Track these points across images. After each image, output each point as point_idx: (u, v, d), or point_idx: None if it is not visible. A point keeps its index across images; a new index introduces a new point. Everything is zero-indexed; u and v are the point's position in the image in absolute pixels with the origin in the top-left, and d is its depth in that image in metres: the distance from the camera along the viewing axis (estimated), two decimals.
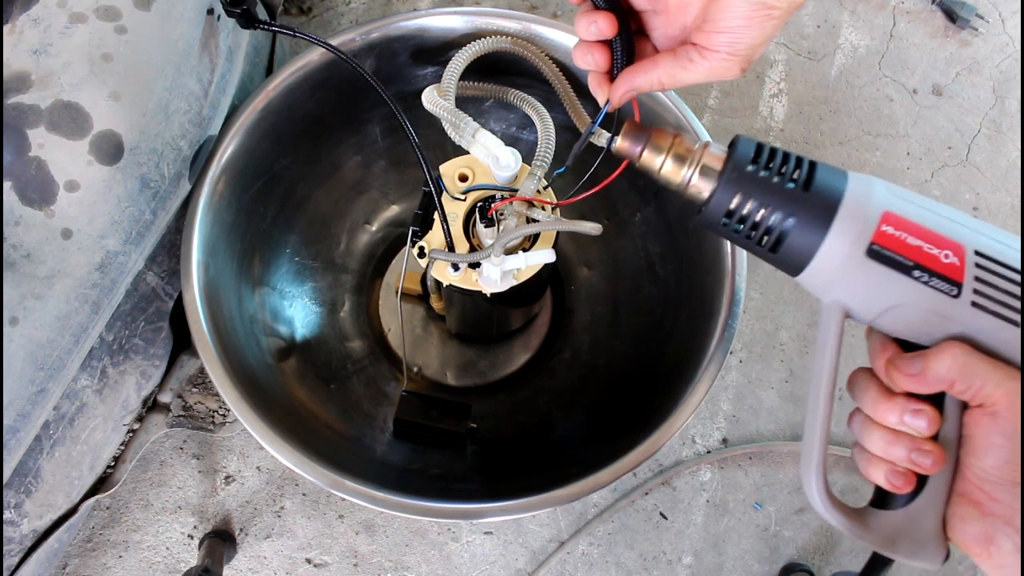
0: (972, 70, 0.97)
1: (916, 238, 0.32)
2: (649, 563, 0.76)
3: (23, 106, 0.47)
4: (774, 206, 0.33)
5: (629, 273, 0.76)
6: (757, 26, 0.35)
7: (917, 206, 0.33)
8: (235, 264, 0.63)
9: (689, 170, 0.36)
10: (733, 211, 0.34)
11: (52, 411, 0.54)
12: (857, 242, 0.32)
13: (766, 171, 0.34)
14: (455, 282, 0.54)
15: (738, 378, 0.83)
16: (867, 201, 0.32)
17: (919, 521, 0.33)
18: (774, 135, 0.93)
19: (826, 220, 0.32)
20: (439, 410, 0.65)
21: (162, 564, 0.73)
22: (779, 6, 0.34)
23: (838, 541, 0.78)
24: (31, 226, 0.47)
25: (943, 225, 0.32)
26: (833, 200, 0.32)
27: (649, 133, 0.38)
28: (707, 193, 0.35)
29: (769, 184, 0.33)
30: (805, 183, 0.33)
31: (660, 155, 0.37)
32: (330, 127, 0.68)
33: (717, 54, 0.36)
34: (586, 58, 0.41)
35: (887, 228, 0.32)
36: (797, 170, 0.33)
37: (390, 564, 0.75)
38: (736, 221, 0.34)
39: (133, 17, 0.50)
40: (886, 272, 0.32)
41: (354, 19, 0.95)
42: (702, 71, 0.37)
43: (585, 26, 0.39)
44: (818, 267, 0.33)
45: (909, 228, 0.32)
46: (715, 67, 0.37)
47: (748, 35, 0.35)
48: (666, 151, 0.37)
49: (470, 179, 0.56)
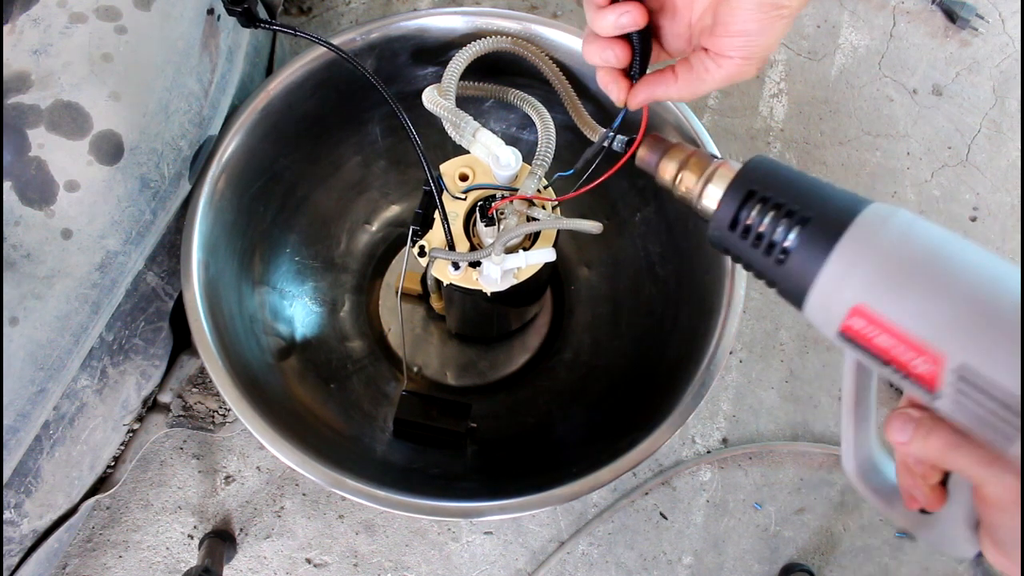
0: (972, 70, 0.97)
1: (888, 337, 0.28)
2: (649, 563, 0.76)
3: (23, 106, 0.47)
4: (756, 264, 0.33)
5: (629, 273, 0.76)
6: (769, 26, 0.35)
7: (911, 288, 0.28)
8: (235, 264, 0.63)
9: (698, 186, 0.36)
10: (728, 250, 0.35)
11: (52, 411, 0.54)
12: (828, 323, 0.30)
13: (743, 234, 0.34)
14: (456, 281, 0.54)
15: (738, 378, 0.83)
16: (838, 292, 0.30)
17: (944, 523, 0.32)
18: (774, 135, 0.93)
19: (802, 293, 0.31)
20: (439, 410, 0.65)
21: (162, 564, 0.73)
22: (789, 4, 0.34)
23: (838, 541, 0.78)
24: (31, 226, 0.47)
25: (930, 325, 0.27)
26: (806, 279, 0.31)
27: (667, 146, 0.38)
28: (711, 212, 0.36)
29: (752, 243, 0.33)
30: (780, 259, 0.32)
31: (672, 169, 0.38)
32: (330, 127, 0.68)
33: (732, 60, 0.36)
34: (604, 54, 0.39)
35: (856, 323, 0.29)
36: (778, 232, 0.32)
37: (390, 564, 0.75)
38: (735, 255, 0.35)
39: (133, 17, 0.50)
40: (859, 354, 0.30)
41: (354, 19, 0.95)
42: (720, 78, 0.37)
43: (615, 18, 0.37)
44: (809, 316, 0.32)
45: (882, 326, 0.28)
46: (732, 72, 0.37)
47: (762, 37, 0.35)
48: (678, 165, 0.38)
49: (470, 178, 0.56)
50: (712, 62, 0.37)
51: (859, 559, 0.77)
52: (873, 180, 0.91)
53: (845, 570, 0.77)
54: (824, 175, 0.91)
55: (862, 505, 0.78)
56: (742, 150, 0.92)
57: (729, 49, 0.36)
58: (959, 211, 0.91)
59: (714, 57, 0.37)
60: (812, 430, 0.81)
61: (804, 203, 0.31)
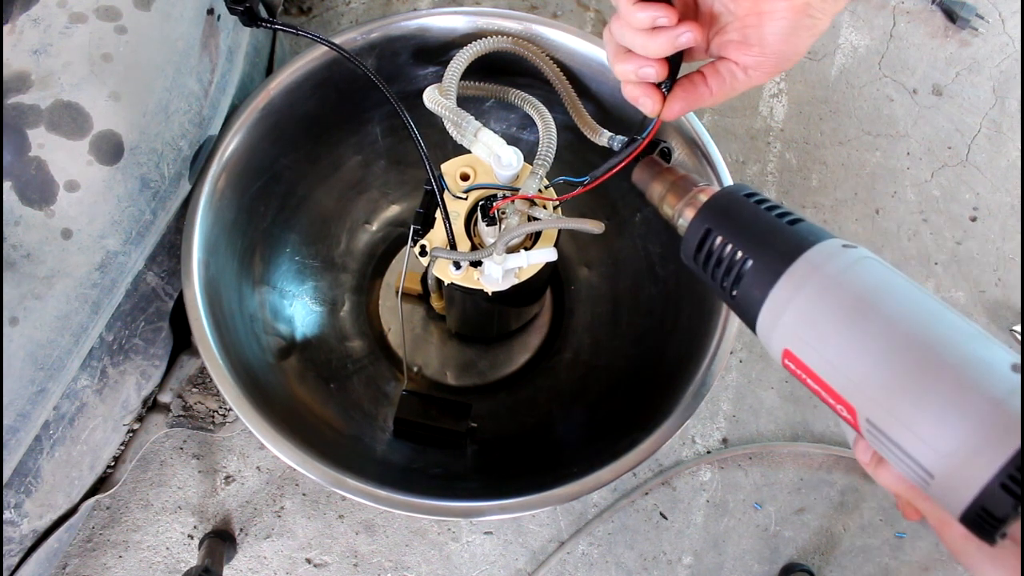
0: (972, 70, 0.97)
1: (813, 382, 0.30)
2: (649, 563, 0.76)
3: (23, 106, 0.47)
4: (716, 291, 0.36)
5: (629, 273, 0.76)
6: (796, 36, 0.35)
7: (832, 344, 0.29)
8: (235, 263, 0.63)
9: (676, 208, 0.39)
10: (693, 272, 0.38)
11: (52, 411, 0.54)
12: (774, 354, 0.33)
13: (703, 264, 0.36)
14: (457, 281, 0.54)
15: (738, 378, 0.83)
16: (773, 332, 0.32)
17: None
18: (774, 135, 0.93)
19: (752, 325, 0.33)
20: (439, 409, 0.65)
21: (162, 564, 0.73)
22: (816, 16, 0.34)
23: (838, 541, 0.78)
24: (31, 226, 0.47)
25: (841, 380, 0.29)
26: (750, 314, 0.33)
27: (658, 171, 0.40)
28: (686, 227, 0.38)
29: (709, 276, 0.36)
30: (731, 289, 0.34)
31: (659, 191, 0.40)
32: (330, 126, 0.68)
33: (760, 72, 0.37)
34: (644, 70, 0.39)
35: (788, 362, 0.31)
36: (727, 275, 0.34)
37: (390, 564, 0.75)
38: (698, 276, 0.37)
39: (133, 17, 0.50)
40: None
41: (354, 19, 0.95)
42: (746, 86, 0.39)
43: (674, 38, 0.36)
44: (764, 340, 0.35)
45: (806, 371, 0.30)
46: (758, 82, 0.38)
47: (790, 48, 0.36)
48: (663, 187, 0.40)
49: (472, 178, 0.56)
50: (741, 72, 0.38)
51: (859, 559, 0.77)
52: (873, 180, 0.91)
53: (845, 570, 0.77)
54: (824, 175, 0.91)
55: (862, 505, 0.79)
56: (742, 150, 0.92)
57: (761, 66, 0.37)
58: (959, 211, 0.91)
59: (744, 68, 0.38)
60: (812, 430, 0.81)
61: (752, 244, 0.34)
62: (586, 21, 0.97)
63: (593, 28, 0.96)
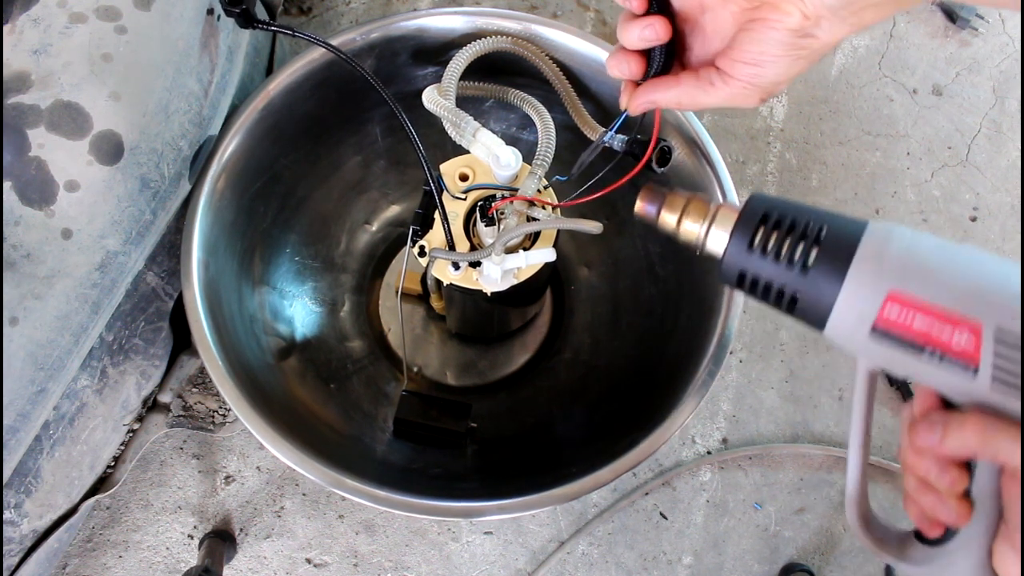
0: (972, 70, 0.97)
1: (925, 317, 0.29)
2: (649, 563, 0.76)
3: (23, 106, 0.47)
4: (778, 280, 0.33)
5: (629, 273, 0.76)
6: (785, 64, 0.35)
7: (935, 273, 0.30)
8: (235, 263, 0.63)
9: (702, 232, 0.36)
10: (744, 276, 0.34)
11: (52, 411, 0.54)
12: (859, 322, 0.31)
13: (761, 251, 0.33)
14: (456, 281, 0.54)
15: (738, 378, 0.83)
16: (875, 274, 0.31)
17: (958, 559, 0.32)
18: (774, 135, 0.93)
19: (830, 299, 0.31)
20: (439, 410, 0.65)
21: (162, 564, 0.73)
22: (811, 47, 0.34)
23: (838, 541, 0.78)
24: (31, 226, 0.47)
25: (961, 299, 0.29)
26: (835, 280, 0.31)
27: (664, 196, 0.38)
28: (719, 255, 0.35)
29: (767, 266, 0.33)
30: (805, 264, 0.32)
31: (673, 217, 0.37)
32: (330, 127, 0.68)
33: (739, 82, 0.36)
34: (622, 67, 0.39)
35: (891, 310, 0.30)
36: (802, 242, 0.32)
37: (390, 564, 0.75)
38: (748, 287, 0.34)
39: (133, 17, 0.50)
40: (894, 351, 0.31)
41: (354, 19, 0.95)
42: (722, 96, 0.38)
43: (639, 30, 0.37)
44: (832, 335, 0.32)
45: (917, 306, 0.30)
46: (735, 94, 0.37)
47: (773, 70, 0.35)
48: (679, 214, 0.37)
49: (471, 178, 0.56)
50: (719, 78, 0.37)
51: (859, 559, 0.77)
52: (873, 180, 0.91)
53: (845, 570, 0.77)
54: (824, 175, 0.91)
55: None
56: (742, 150, 0.92)
57: (738, 73, 0.36)
58: (959, 211, 0.91)
59: (722, 75, 0.37)
60: (812, 430, 0.81)
61: (813, 224, 0.32)
62: (586, 21, 0.97)
63: (593, 28, 0.96)
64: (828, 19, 0.33)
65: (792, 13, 0.33)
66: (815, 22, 0.33)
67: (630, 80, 0.41)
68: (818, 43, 0.34)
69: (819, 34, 0.33)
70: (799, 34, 0.33)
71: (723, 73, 0.37)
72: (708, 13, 0.37)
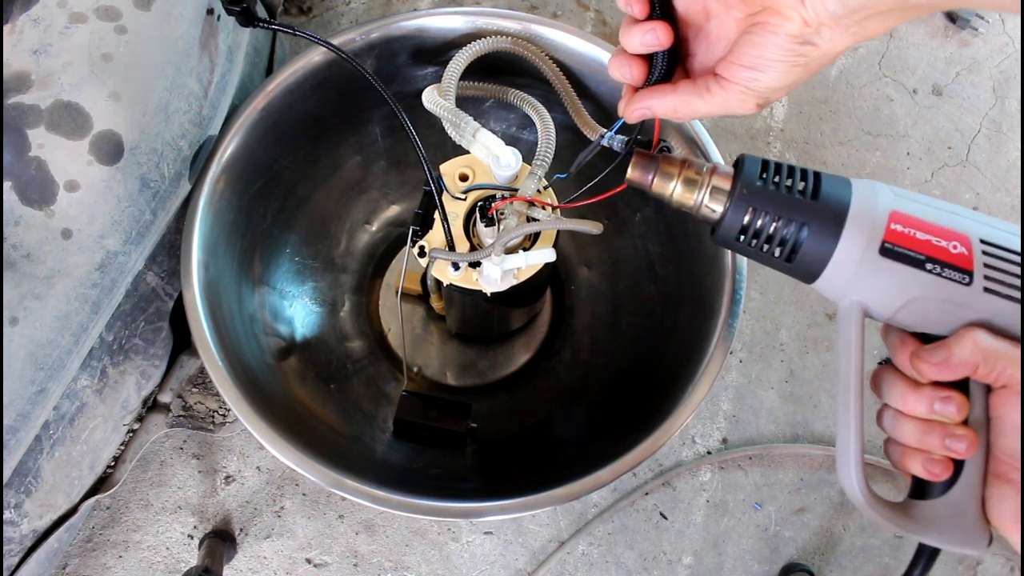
0: (972, 70, 0.97)
1: (925, 233, 0.33)
2: (649, 563, 0.76)
3: (23, 106, 0.47)
4: (786, 217, 0.35)
5: (629, 273, 0.76)
6: (783, 70, 0.35)
7: (921, 204, 0.34)
8: (235, 264, 0.63)
9: (700, 193, 0.38)
10: (746, 227, 0.36)
11: (52, 411, 0.54)
12: (870, 243, 0.34)
13: (774, 185, 0.35)
14: (455, 281, 0.54)
15: (738, 378, 0.83)
16: (874, 203, 0.34)
17: (960, 506, 0.34)
18: (774, 135, 0.93)
19: (838, 225, 0.34)
20: (439, 410, 0.65)
21: (162, 564, 0.73)
22: (810, 55, 0.34)
23: (838, 541, 0.78)
24: (31, 226, 0.47)
25: (947, 219, 0.34)
26: (842, 205, 0.34)
27: (658, 162, 0.39)
28: (719, 213, 0.37)
29: (778, 197, 0.35)
30: (813, 193, 0.35)
31: (671, 181, 0.39)
32: (330, 127, 0.68)
33: (735, 87, 0.36)
34: (623, 70, 0.39)
35: (896, 226, 0.33)
36: (803, 181, 0.35)
37: (390, 564, 0.75)
38: (750, 236, 0.36)
39: (133, 17, 0.50)
40: (900, 268, 0.33)
41: (354, 19, 0.95)
42: (718, 102, 0.37)
43: (641, 35, 0.37)
44: (834, 271, 0.35)
45: (916, 224, 0.33)
46: (731, 99, 0.37)
47: (770, 75, 0.35)
48: (675, 177, 0.38)
49: (470, 179, 0.56)
50: (715, 84, 0.37)
51: (859, 559, 0.77)
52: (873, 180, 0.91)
53: (845, 570, 0.77)
54: None
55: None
56: (742, 150, 0.91)
57: (735, 77, 0.36)
58: None
59: (718, 80, 0.37)
60: (812, 430, 0.81)
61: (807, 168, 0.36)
62: (586, 21, 0.97)
63: (593, 28, 0.97)
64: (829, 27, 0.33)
65: (793, 18, 0.33)
66: (816, 29, 0.33)
67: (631, 85, 0.41)
68: (817, 52, 0.34)
69: (819, 42, 0.33)
70: (799, 40, 0.33)
71: (720, 78, 0.37)
72: (713, 19, 0.37)
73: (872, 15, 0.32)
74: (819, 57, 0.34)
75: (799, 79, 0.35)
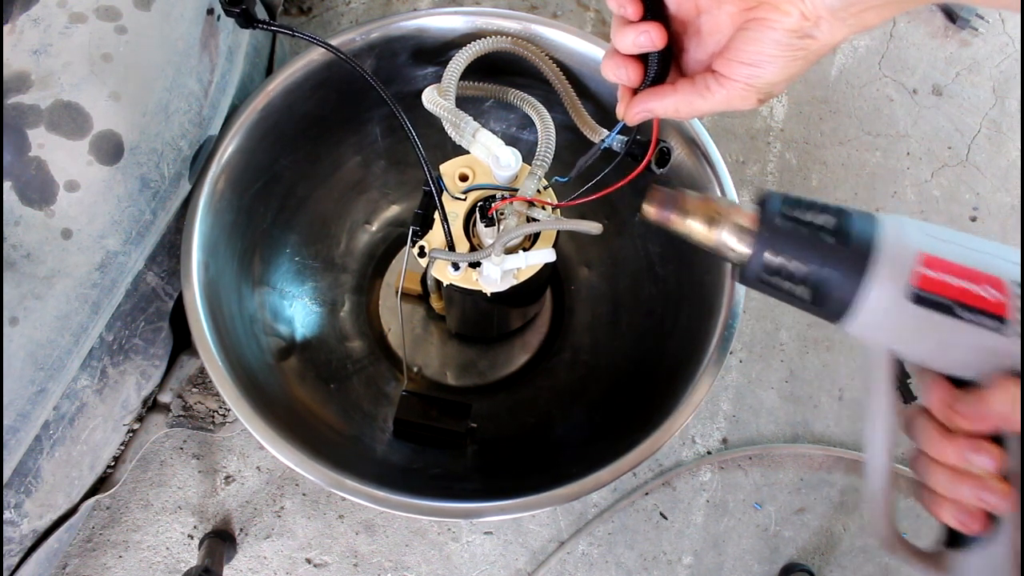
0: (972, 70, 0.97)
1: (958, 278, 0.31)
2: (649, 563, 0.76)
3: (23, 106, 0.47)
4: (811, 261, 0.33)
5: (629, 273, 0.76)
6: (783, 64, 0.34)
7: (952, 244, 0.32)
8: (235, 264, 0.63)
9: (721, 231, 0.36)
10: (771, 269, 0.34)
11: (52, 411, 0.54)
12: (898, 288, 0.32)
13: (799, 225, 0.33)
14: (455, 281, 0.54)
15: (738, 378, 0.83)
16: (903, 244, 0.32)
17: (999, 568, 0.32)
18: (774, 135, 0.93)
19: (864, 268, 0.32)
20: (439, 410, 0.65)
21: (162, 564, 0.73)
22: (809, 48, 0.34)
23: (838, 541, 0.78)
24: (31, 226, 0.47)
25: (978, 260, 0.31)
26: (869, 247, 0.32)
27: (676, 198, 0.37)
28: (742, 253, 0.35)
29: (803, 238, 0.33)
30: (838, 233, 0.33)
31: (690, 219, 0.37)
32: (330, 127, 0.68)
33: (736, 84, 0.36)
34: (619, 71, 0.39)
35: (927, 271, 0.31)
36: (829, 220, 0.33)
37: (390, 564, 0.75)
38: (775, 278, 0.34)
39: (133, 17, 0.50)
40: (930, 315, 0.31)
41: (354, 19, 0.95)
42: (719, 100, 0.37)
43: (633, 36, 0.36)
44: (861, 314, 0.33)
45: (948, 268, 0.31)
46: (732, 96, 0.36)
47: (771, 71, 0.35)
48: (696, 215, 0.36)
49: (470, 179, 0.56)
50: (715, 82, 0.37)
51: (859, 559, 0.77)
52: (873, 180, 0.91)
53: (845, 570, 0.77)
54: (824, 175, 0.91)
55: (862, 505, 0.79)
56: (742, 150, 0.92)
57: (735, 74, 0.36)
58: (959, 211, 0.91)
59: (718, 78, 0.36)
60: (812, 430, 0.81)
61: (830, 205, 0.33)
62: (586, 21, 0.97)
63: (593, 28, 0.97)
64: (828, 20, 0.32)
65: (791, 13, 0.32)
66: (814, 23, 0.33)
67: (627, 87, 0.40)
68: (816, 44, 0.33)
69: (818, 35, 0.33)
70: (798, 34, 0.33)
71: (720, 75, 0.36)
72: (704, 15, 0.37)
73: (869, 7, 0.32)
74: (818, 49, 0.34)
75: (799, 71, 0.35)
